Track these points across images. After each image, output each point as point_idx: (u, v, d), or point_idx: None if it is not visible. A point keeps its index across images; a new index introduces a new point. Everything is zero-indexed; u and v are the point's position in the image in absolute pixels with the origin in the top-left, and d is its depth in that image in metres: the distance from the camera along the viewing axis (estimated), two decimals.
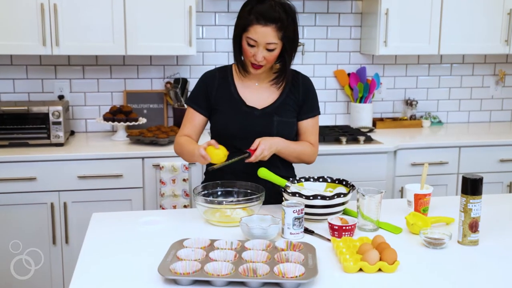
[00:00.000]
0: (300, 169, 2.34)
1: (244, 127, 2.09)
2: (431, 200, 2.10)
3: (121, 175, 3.01)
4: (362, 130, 3.59)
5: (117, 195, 3.03)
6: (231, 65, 2.19)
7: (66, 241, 3.00)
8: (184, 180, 3.05)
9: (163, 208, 3.03)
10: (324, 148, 3.21)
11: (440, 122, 3.91)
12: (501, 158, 3.41)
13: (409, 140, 3.42)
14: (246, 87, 2.14)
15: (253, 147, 1.98)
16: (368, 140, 3.32)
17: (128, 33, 3.17)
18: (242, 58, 2.10)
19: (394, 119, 3.86)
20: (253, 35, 1.98)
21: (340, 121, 3.86)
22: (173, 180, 3.04)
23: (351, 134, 3.38)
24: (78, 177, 2.97)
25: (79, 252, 1.70)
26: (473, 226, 1.72)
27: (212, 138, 2.20)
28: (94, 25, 3.13)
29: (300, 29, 3.63)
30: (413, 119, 3.84)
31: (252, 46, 2.00)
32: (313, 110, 2.19)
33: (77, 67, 3.48)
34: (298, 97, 2.15)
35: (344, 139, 3.28)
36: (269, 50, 2.00)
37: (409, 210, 2.01)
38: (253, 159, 1.97)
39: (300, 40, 3.63)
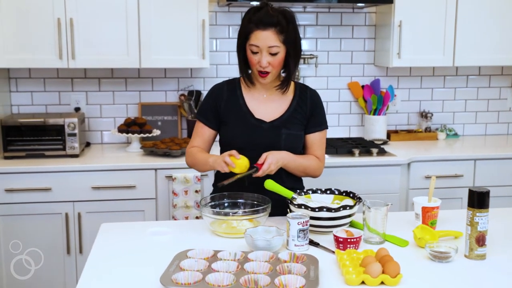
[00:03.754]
0: (309, 181, 2.34)
1: (252, 140, 2.10)
2: (442, 213, 2.09)
3: (134, 186, 3.04)
4: (376, 142, 3.58)
5: (130, 206, 3.06)
6: (239, 78, 2.21)
7: (80, 251, 3.03)
8: (196, 191, 3.07)
9: (175, 219, 3.05)
10: (336, 160, 3.21)
11: (456, 134, 3.87)
12: None
13: (424, 153, 3.39)
14: (254, 99, 2.16)
15: (260, 161, 2.00)
16: (381, 152, 3.30)
17: (142, 46, 3.22)
18: (249, 71, 2.12)
19: (408, 131, 3.84)
20: (254, 41, 2.01)
21: (354, 133, 3.85)
22: (186, 192, 3.06)
23: (364, 146, 3.37)
24: (92, 187, 3.01)
25: None
26: (480, 240, 1.70)
27: (221, 150, 2.22)
28: (109, 39, 3.19)
29: (313, 42, 3.73)
30: (428, 131, 3.81)
31: (255, 53, 2.03)
32: (320, 124, 2.19)
33: (93, 80, 3.54)
34: (306, 111, 2.16)
35: (357, 151, 3.27)
36: (272, 54, 2.03)
37: (417, 223, 1.99)
38: (260, 173, 1.98)
39: (313, 53, 3.71)
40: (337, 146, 3.37)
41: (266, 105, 2.15)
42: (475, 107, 3.96)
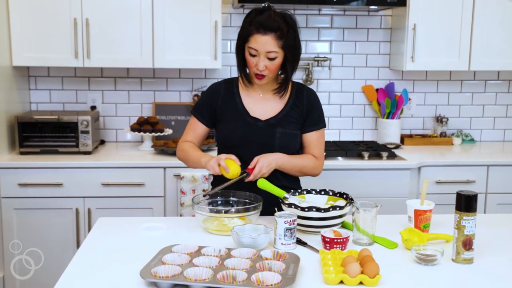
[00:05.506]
0: (307, 182, 2.34)
1: (247, 138, 2.12)
2: (442, 217, 2.08)
3: (143, 184, 3.10)
4: (389, 146, 3.55)
5: (139, 203, 3.11)
6: (237, 77, 2.23)
7: None
8: (203, 190, 3.10)
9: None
10: (346, 163, 3.21)
11: (472, 140, 3.81)
12: None
13: (438, 157, 3.35)
14: (250, 98, 2.18)
15: (251, 166, 2.01)
16: (392, 156, 3.28)
17: (156, 46, 3.27)
18: (247, 70, 2.14)
19: (423, 136, 3.79)
20: (253, 44, 2.02)
21: (368, 137, 3.82)
22: (193, 190, 3.10)
23: (375, 150, 3.35)
24: (102, 184, 3.08)
25: None
26: (467, 244, 1.68)
27: (217, 147, 2.25)
28: (123, 39, 3.26)
29: (327, 44, 3.71)
30: (443, 136, 3.76)
31: (253, 55, 2.05)
32: (317, 123, 2.20)
33: (109, 79, 3.62)
34: (302, 110, 2.17)
35: (366, 155, 3.25)
36: (270, 59, 2.04)
37: (410, 226, 1.97)
38: (251, 178, 2.00)
39: (327, 55, 3.70)
40: (347, 149, 3.36)
41: (262, 104, 2.17)
42: (493, 113, 3.88)
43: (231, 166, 1.99)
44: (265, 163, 2.01)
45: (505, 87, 3.86)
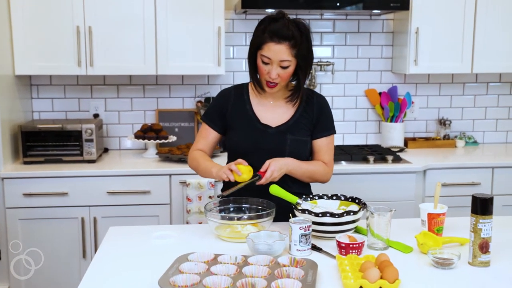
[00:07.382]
0: (318, 187, 2.33)
1: (257, 144, 2.11)
2: (454, 220, 2.08)
3: (149, 192, 3.08)
4: (393, 149, 3.55)
5: (145, 211, 3.10)
6: (247, 83, 2.23)
7: None
8: (210, 197, 3.09)
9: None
10: (351, 167, 3.20)
11: (475, 142, 3.81)
12: None
13: (441, 160, 3.36)
14: (261, 105, 2.17)
15: (263, 169, 2.00)
16: (397, 159, 3.28)
17: (159, 53, 3.26)
18: (258, 76, 2.13)
19: (426, 138, 3.79)
20: (267, 52, 2.02)
21: (371, 141, 3.82)
22: (199, 197, 3.09)
23: (380, 154, 3.35)
24: (108, 192, 3.06)
25: None
26: (483, 247, 1.68)
27: (228, 154, 2.24)
28: (126, 46, 3.25)
29: (330, 49, 3.72)
30: (447, 139, 3.77)
31: (266, 63, 2.04)
32: (327, 129, 2.19)
33: (112, 87, 3.60)
34: (312, 116, 2.16)
35: (371, 158, 3.25)
36: (283, 68, 2.03)
37: (423, 229, 1.97)
38: (263, 181, 1.99)
39: (330, 60, 3.70)
40: (352, 153, 3.36)
41: (273, 110, 2.16)
42: (495, 115, 3.90)
43: (242, 169, 1.98)
44: (276, 166, 2.00)
45: (507, 89, 3.88)
